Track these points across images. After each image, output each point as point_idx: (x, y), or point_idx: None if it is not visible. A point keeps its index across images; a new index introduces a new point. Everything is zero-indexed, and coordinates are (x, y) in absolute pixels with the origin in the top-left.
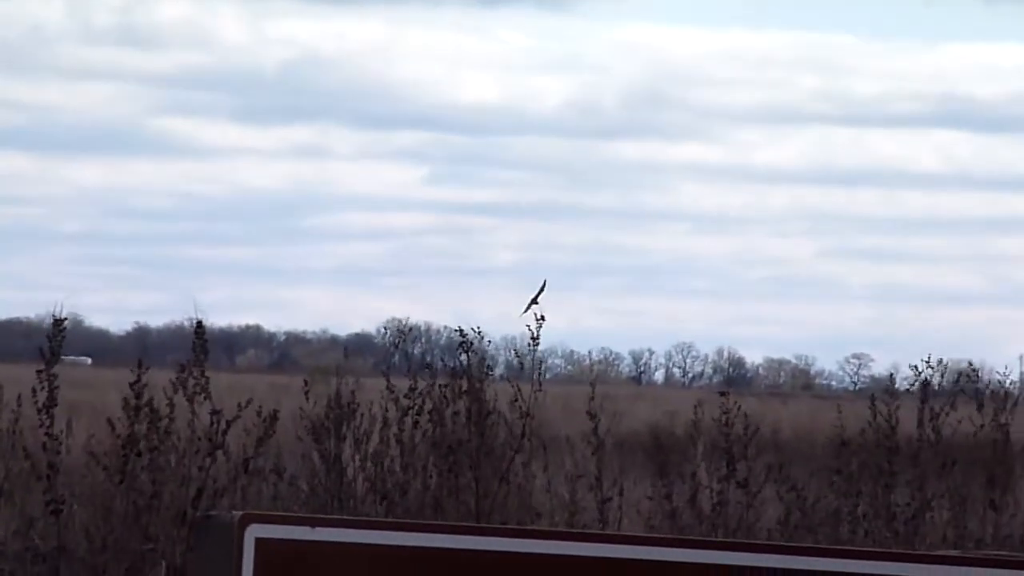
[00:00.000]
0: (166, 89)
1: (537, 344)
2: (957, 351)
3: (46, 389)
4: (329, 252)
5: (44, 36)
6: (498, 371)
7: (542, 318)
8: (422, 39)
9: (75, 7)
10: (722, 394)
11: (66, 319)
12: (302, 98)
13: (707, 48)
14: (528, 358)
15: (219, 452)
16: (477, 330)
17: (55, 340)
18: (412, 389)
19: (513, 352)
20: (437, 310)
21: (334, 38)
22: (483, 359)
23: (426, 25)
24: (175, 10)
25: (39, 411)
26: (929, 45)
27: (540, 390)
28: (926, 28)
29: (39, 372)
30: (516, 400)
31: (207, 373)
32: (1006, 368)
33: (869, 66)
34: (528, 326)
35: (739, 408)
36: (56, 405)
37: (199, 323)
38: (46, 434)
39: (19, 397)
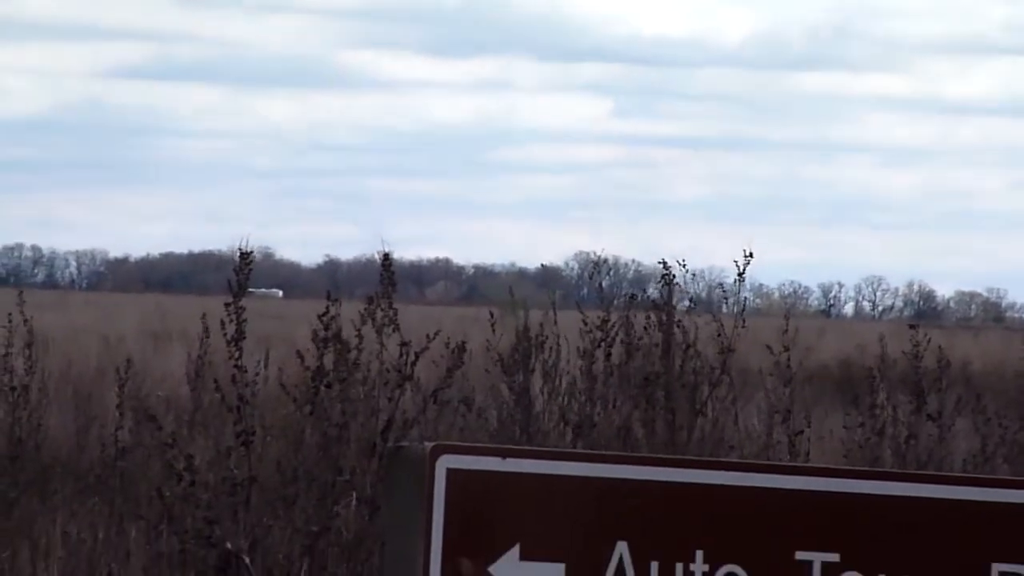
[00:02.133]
0: (353, 21)
1: (743, 280)
2: None
3: (234, 322)
4: (516, 185)
5: None
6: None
7: (750, 255)
8: None
9: None
10: (912, 327)
11: (252, 252)
12: (487, 31)
13: None
14: (731, 292)
15: (408, 383)
16: (682, 262)
17: (242, 272)
18: (605, 321)
19: (720, 287)
20: (624, 243)
21: None
22: (682, 290)
23: None
24: None
25: (228, 344)
26: None
27: (744, 326)
28: None
29: (227, 305)
30: (719, 335)
31: (395, 305)
32: None
33: None
34: (735, 261)
35: (929, 341)
36: (244, 338)
37: (386, 255)
38: (235, 366)
39: (206, 329)
